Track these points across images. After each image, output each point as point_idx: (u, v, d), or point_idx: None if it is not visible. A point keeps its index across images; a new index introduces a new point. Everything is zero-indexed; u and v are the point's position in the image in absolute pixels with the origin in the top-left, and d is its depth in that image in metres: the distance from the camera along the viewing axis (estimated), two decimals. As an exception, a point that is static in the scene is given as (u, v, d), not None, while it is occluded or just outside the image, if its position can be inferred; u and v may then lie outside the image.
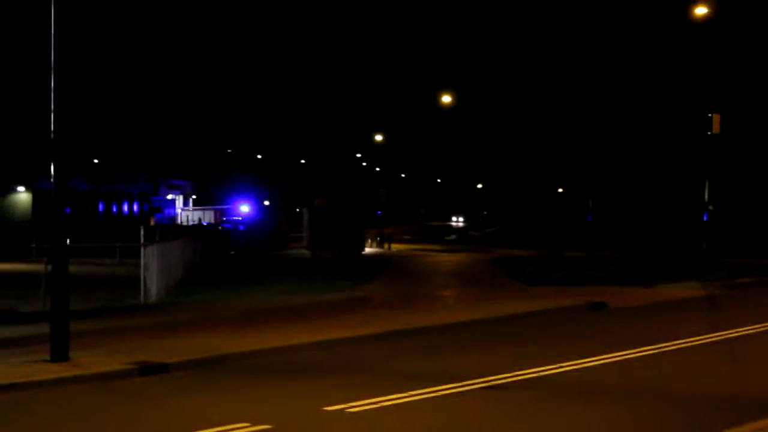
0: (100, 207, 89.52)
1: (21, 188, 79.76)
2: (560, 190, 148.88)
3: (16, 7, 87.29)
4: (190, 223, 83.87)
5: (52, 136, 18.64)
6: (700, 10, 41.78)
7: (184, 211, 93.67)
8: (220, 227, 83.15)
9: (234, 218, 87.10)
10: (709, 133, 40.95)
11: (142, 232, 34.48)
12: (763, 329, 24.82)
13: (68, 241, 18.97)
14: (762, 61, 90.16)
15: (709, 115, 40.81)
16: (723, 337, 23.32)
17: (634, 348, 21.18)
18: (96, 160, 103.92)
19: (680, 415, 14.87)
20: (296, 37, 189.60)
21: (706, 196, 41.31)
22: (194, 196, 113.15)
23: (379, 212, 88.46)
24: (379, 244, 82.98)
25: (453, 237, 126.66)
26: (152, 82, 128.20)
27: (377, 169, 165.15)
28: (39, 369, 17.74)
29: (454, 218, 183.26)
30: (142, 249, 31.98)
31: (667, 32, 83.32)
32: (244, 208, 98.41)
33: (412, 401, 15.82)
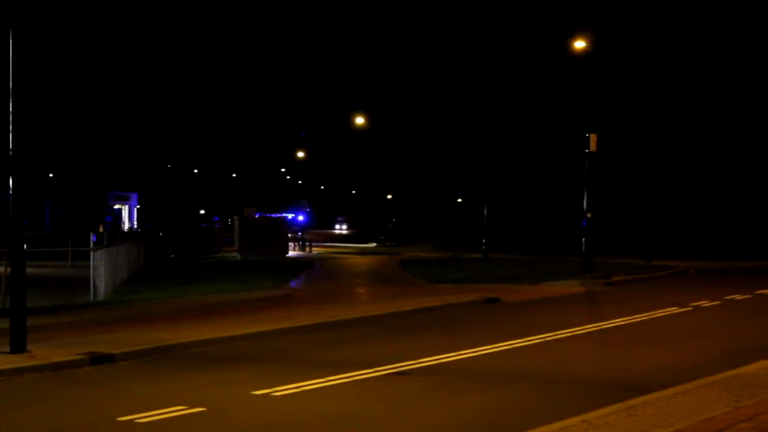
0: (55, 216, 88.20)
1: (-19, 199, 78.65)
2: (459, 200, 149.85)
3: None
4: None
5: (10, 153, 18.44)
6: (579, 44, 42.37)
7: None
8: (160, 233, 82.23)
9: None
10: (587, 150, 41.59)
11: (92, 238, 34.06)
12: (633, 320, 25.20)
13: (25, 246, 18.83)
14: (634, 88, 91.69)
15: (587, 135, 41.43)
16: (599, 328, 23.65)
17: (524, 337, 21.40)
18: (51, 174, 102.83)
19: (562, 395, 15.06)
20: (231, 62, 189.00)
21: (585, 205, 41.86)
22: (138, 206, 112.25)
23: (303, 220, 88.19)
24: (301, 248, 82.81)
25: (372, 244, 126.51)
26: (99, 104, 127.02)
27: (299, 182, 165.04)
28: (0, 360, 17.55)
29: (337, 226, 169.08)
30: (91, 253, 31.63)
31: (553, 63, 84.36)
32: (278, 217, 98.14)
33: (331, 385, 15.86)
